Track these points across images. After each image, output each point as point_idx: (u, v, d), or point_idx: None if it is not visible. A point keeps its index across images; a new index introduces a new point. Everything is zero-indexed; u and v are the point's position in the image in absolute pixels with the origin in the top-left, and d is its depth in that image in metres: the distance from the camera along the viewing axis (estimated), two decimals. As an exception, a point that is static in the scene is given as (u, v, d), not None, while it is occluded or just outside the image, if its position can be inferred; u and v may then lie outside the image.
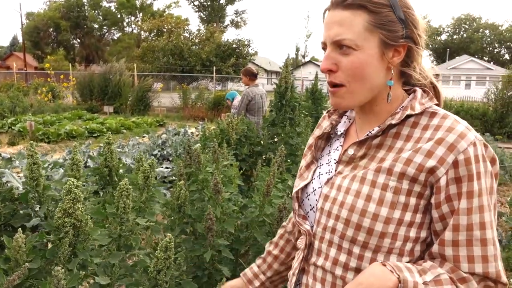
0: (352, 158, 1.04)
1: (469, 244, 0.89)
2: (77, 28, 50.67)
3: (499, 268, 0.91)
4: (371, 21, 0.95)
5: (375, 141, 1.00)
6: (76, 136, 10.94)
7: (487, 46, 71.90)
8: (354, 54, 0.95)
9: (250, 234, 2.34)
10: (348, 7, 0.95)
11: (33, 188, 1.92)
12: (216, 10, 54.65)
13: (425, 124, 0.96)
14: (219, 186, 2.18)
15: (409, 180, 0.92)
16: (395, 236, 0.93)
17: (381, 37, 0.95)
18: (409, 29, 0.97)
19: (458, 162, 0.89)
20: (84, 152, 6.47)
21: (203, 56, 20.80)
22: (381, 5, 0.95)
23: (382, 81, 0.99)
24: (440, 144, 0.90)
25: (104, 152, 2.44)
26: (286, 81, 3.85)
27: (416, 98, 1.00)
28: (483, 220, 0.89)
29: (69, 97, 19.09)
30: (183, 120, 16.28)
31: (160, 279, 1.64)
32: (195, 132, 9.14)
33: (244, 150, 3.90)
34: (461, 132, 0.91)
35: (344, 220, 0.97)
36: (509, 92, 13.37)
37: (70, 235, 1.59)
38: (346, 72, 0.97)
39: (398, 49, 0.98)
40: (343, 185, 1.01)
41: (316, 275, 1.06)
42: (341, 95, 1.00)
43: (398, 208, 0.93)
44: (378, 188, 0.94)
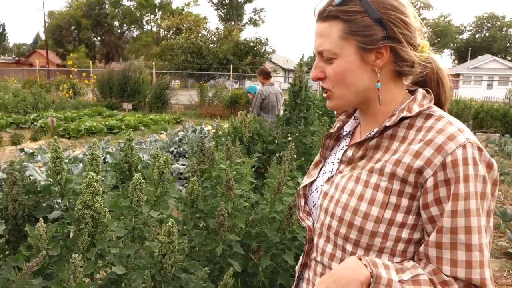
0: (351, 158, 1.06)
1: (453, 248, 0.89)
2: (98, 26, 51.55)
3: (486, 276, 0.88)
4: (345, 29, 0.98)
5: (372, 142, 1.03)
6: (96, 132, 11.20)
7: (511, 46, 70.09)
8: (335, 62, 1.01)
9: (260, 230, 2.41)
10: (326, 19, 1.01)
11: (56, 181, 2.02)
12: (235, 8, 54.80)
13: (419, 125, 0.97)
14: (231, 182, 2.24)
15: (400, 180, 0.93)
16: (386, 236, 0.95)
17: (356, 44, 0.98)
18: (389, 29, 0.97)
19: (446, 164, 0.89)
20: (103, 148, 6.63)
21: (220, 54, 20.91)
22: (354, 12, 0.97)
23: (369, 84, 1.02)
24: (429, 145, 0.91)
25: (125, 148, 2.54)
26: (300, 80, 3.89)
27: (416, 99, 1.01)
28: (469, 224, 0.88)
29: (89, 94, 19.50)
30: (200, 117, 16.45)
31: (165, 262, 1.73)
32: (211, 129, 9.24)
33: (257, 147, 3.96)
34: (451, 134, 0.90)
35: (338, 218, 1.00)
36: (531, 93, 13.08)
37: (89, 226, 1.69)
38: (331, 79, 1.03)
39: (380, 51, 0.99)
40: (340, 183, 1.04)
41: (316, 270, 1.10)
42: (331, 98, 1.07)
43: (389, 209, 0.94)
44: (370, 188, 0.96)
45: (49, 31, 45.61)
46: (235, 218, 2.29)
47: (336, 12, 0.99)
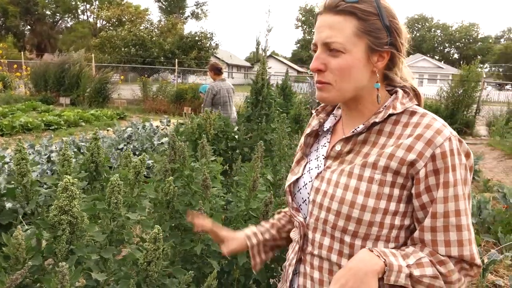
0: (339, 153, 1.11)
1: (445, 230, 0.99)
2: (27, 14, 47.95)
3: (473, 251, 1.00)
4: (360, 27, 1.02)
5: (360, 137, 1.09)
6: (32, 129, 10.45)
7: (438, 46, 75.43)
8: (342, 56, 1.03)
9: (235, 227, 2.41)
10: (339, 12, 1.03)
11: (20, 183, 1.88)
12: (176, 0, 53.63)
13: (405, 121, 1.05)
14: (207, 181, 2.22)
15: (393, 173, 1.01)
16: (381, 224, 1.02)
17: (368, 43, 1.03)
18: (393, 37, 1.05)
19: (436, 156, 0.98)
20: (47, 146, 6.23)
21: (166, 47, 20.35)
22: (370, 13, 1.02)
23: (367, 83, 1.08)
24: (419, 140, 0.99)
25: (91, 147, 2.42)
26: (263, 77, 3.92)
27: (398, 98, 1.08)
28: (458, 208, 0.98)
29: (21, 87, 18.14)
30: (144, 113, 15.95)
31: (151, 270, 1.68)
32: (160, 126, 9.01)
33: (221, 145, 3.94)
34: (438, 129, 1.00)
35: (335, 212, 1.04)
36: (459, 90, 14.16)
37: (67, 232, 1.59)
38: (334, 73, 1.05)
39: (382, 55, 1.06)
40: (332, 178, 1.08)
41: (313, 264, 1.13)
42: (327, 91, 1.08)
43: (384, 199, 1.01)
44: (364, 181, 1.02)
45: (-29, 18, 41.72)
46: (211, 217, 2.27)
47: (352, 8, 1.02)
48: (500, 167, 8.88)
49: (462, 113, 14.09)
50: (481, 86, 14.67)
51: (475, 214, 4.83)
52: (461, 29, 72.31)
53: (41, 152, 5.91)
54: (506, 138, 11.34)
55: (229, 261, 2.42)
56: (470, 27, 72.14)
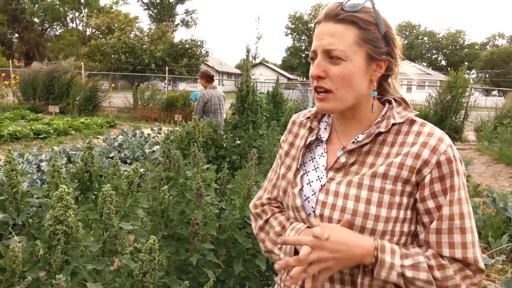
0: (344, 165, 1.11)
1: (450, 232, 1.01)
2: (15, 22, 47.55)
3: (477, 254, 1.02)
4: (361, 36, 1.04)
5: (365, 148, 1.09)
6: (21, 138, 10.30)
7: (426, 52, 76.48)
8: (342, 64, 1.04)
9: (229, 236, 2.40)
10: (340, 21, 1.04)
11: (11, 195, 1.85)
12: (166, 8, 53.68)
13: (406, 130, 1.08)
14: (201, 190, 2.21)
15: (403, 182, 1.03)
16: (393, 232, 1.04)
17: (367, 51, 1.05)
18: (390, 47, 1.08)
19: (441, 162, 1.02)
20: (36, 155, 6.15)
21: (157, 54, 20.30)
22: (369, 23, 1.05)
23: (365, 91, 1.09)
24: (425, 147, 1.03)
25: (85, 156, 2.39)
26: (247, 84, 3.91)
27: (393, 107, 1.11)
28: (462, 211, 1.02)
29: (9, 95, 17.93)
30: (135, 121, 15.87)
31: (147, 281, 1.66)
32: (152, 133, 8.96)
33: (211, 153, 3.93)
34: (440, 137, 1.04)
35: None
36: (447, 96, 14.33)
37: (62, 243, 1.57)
38: (335, 80, 1.06)
39: (380, 64, 1.08)
40: (340, 191, 1.07)
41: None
42: (328, 100, 1.08)
43: (395, 208, 1.03)
44: (376, 192, 1.04)
45: (-42, 26, 41.25)
46: (205, 225, 2.26)
47: (353, 17, 1.04)
48: (489, 172, 8.99)
49: (451, 118, 14.24)
50: (469, 92, 14.87)
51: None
52: (448, 36, 73.52)
53: (31, 162, 5.84)
54: (494, 143, 11.48)
55: (225, 270, 2.41)
56: (457, 34, 73.40)
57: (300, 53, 71.09)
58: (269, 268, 2.49)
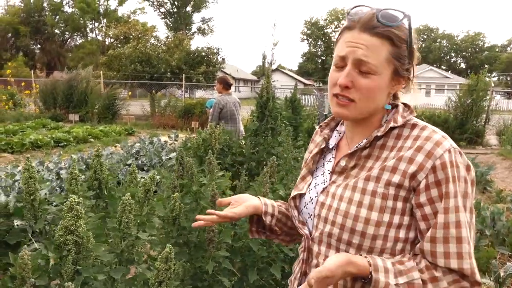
0: (344, 168, 1.13)
1: (445, 241, 0.98)
2: (38, 34, 48.86)
3: (474, 266, 0.99)
4: (393, 52, 1.05)
5: (364, 152, 1.11)
6: (42, 146, 10.53)
7: (444, 56, 75.34)
8: (372, 78, 1.05)
9: (244, 244, 2.37)
10: (376, 35, 1.04)
11: (29, 203, 1.87)
12: (183, 17, 54.39)
13: (407, 135, 1.07)
14: (216, 197, 2.20)
15: (395, 186, 1.02)
16: (386, 237, 1.03)
17: (395, 68, 1.07)
18: (411, 63, 1.09)
19: (436, 167, 0.99)
20: (56, 163, 6.26)
21: (173, 63, 20.55)
22: (402, 40, 1.06)
23: (382, 103, 1.11)
24: (420, 152, 1.01)
25: (94, 164, 2.41)
26: (267, 91, 3.90)
27: (398, 112, 1.11)
28: (459, 219, 0.98)
29: (31, 105, 18.37)
30: (152, 128, 16.04)
31: (162, 291, 1.64)
32: (169, 141, 9.02)
33: (227, 159, 3.92)
34: (437, 141, 1.01)
35: (340, 225, 1.06)
36: (468, 100, 14.05)
37: (73, 253, 1.57)
38: (361, 92, 1.06)
39: (400, 80, 1.10)
40: (337, 193, 1.10)
41: None
42: (348, 108, 1.09)
43: (387, 212, 1.02)
44: (368, 195, 1.04)
45: (-17, 38, 42.58)
46: (220, 233, 2.24)
47: (390, 33, 1.04)
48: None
49: (472, 122, 13.96)
50: (490, 95, 14.55)
51: (488, 226, 4.73)
52: (467, 39, 72.24)
53: (51, 169, 5.94)
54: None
55: (240, 278, 2.38)
56: (476, 36, 72.03)
57: (316, 58, 70.93)
58: (285, 277, 2.45)
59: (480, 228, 4.66)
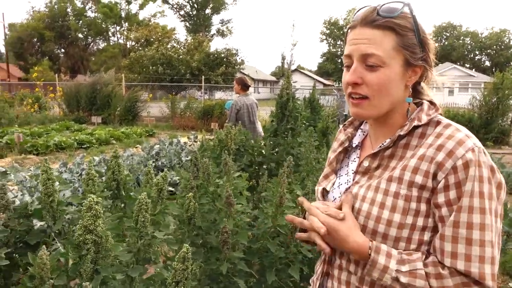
0: (367, 169, 1.11)
1: (454, 241, 0.94)
2: (62, 38, 50.07)
3: (486, 271, 0.92)
4: (399, 42, 1.03)
5: (387, 152, 1.08)
6: (66, 148, 10.77)
7: (468, 53, 73.57)
8: (380, 70, 1.03)
9: (262, 245, 2.35)
10: (378, 27, 1.03)
11: (47, 204, 1.90)
12: (202, 19, 54.83)
13: (430, 133, 1.04)
14: (231, 198, 2.18)
15: (418, 187, 0.99)
16: (409, 240, 1.00)
17: (405, 57, 1.04)
18: (425, 53, 1.06)
19: (457, 168, 0.95)
20: (79, 164, 6.38)
21: (193, 64, 20.75)
22: (407, 28, 1.03)
23: (400, 97, 1.08)
24: (441, 151, 0.97)
25: (112, 165, 2.43)
26: (287, 92, 3.88)
27: (423, 110, 1.08)
28: (472, 220, 0.93)
29: (55, 108, 18.82)
30: (172, 129, 16.19)
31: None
32: (188, 142, 9.08)
33: (244, 160, 3.91)
34: (460, 139, 0.97)
35: (362, 226, 1.04)
36: (493, 99, 13.67)
37: (92, 252, 1.58)
38: (372, 87, 1.04)
39: (415, 70, 1.07)
40: (360, 193, 1.08)
41: (340, 278, 1.12)
42: (363, 106, 1.07)
43: (410, 214, 0.99)
44: (390, 196, 1.01)
45: (10, 44, 43.92)
46: (236, 234, 2.23)
47: (391, 23, 1.03)
48: (541, 178, 8.41)
49: (497, 122, 13.57)
50: (517, 94, 14.11)
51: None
52: (491, 36, 70.31)
53: (73, 171, 6.05)
54: (546, 146, 10.80)
55: (258, 280, 2.36)
56: (501, 33, 70.04)
57: (336, 58, 70.37)
58: (304, 279, 2.41)
59: (507, 230, 4.51)
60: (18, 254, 1.81)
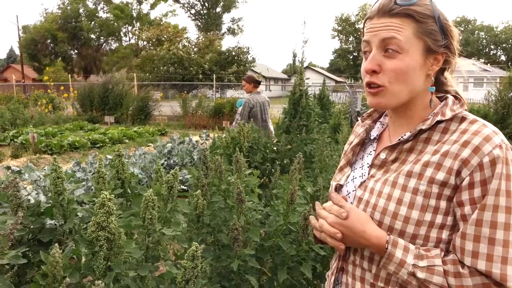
0: (384, 162, 1.08)
1: (476, 240, 0.91)
2: (74, 39, 50.66)
3: (508, 272, 0.89)
4: (418, 29, 1.00)
5: (406, 145, 1.05)
6: (79, 147, 10.91)
7: (483, 48, 72.35)
8: (398, 57, 1.00)
9: (274, 242, 2.33)
10: (396, 15, 1.01)
11: (57, 202, 1.90)
12: (213, 18, 54.95)
13: (454, 129, 1.00)
14: (242, 195, 2.17)
15: (439, 184, 0.95)
16: (427, 237, 0.97)
17: (426, 44, 1.01)
18: (448, 40, 1.03)
19: (483, 165, 0.91)
20: (92, 163, 6.44)
21: (204, 64, 20.83)
22: (426, 16, 1.01)
23: (421, 86, 1.04)
24: (466, 147, 0.93)
25: (116, 164, 2.43)
26: (300, 88, 3.85)
27: (447, 104, 1.05)
28: (496, 219, 0.90)
29: (69, 108, 19.07)
30: (184, 128, 16.27)
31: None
32: (200, 140, 9.11)
33: (257, 157, 3.89)
34: (487, 135, 0.93)
35: (377, 222, 1.02)
36: (509, 94, 13.40)
37: (105, 249, 1.58)
38: (389, 74, 1.01)
39: (437, 57, 1.03)
40: (376, 188, 1.05)
41: (355, 274, 1.10)
42: (382, 95, 1.04)
43: (429, 211, 0.96)
44: (409, 192, 0.98)
45: (24, 45, 44.62)
46: (247, 231, 2.21)
47: (409, 11, 1.00)
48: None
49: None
50: (534, 88, 13.80)
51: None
52: (507, 30, 69.03)
53: (86, 170, 6.12)
54: None
55: (270, 277, 2.35)
56: (517, 27, 68.74)
57: (348, 55, 69.88)
58: (316, 276, 2.39)
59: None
60: (32, 252, 1.82)
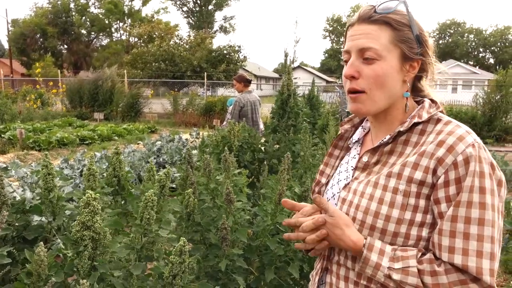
0: (366, 164, 1.13)
1: (452, 235, 0.94)
2: (65, 34, 50.11)
3: (483, 266, 0.91)
4: (395, 36, 1.06)
5: (386, 148, 1.09)
6: (68, 144, 10.79)
7: (472, 51, 73.23)
8: (376, 63, 1.06)
9: (261, 242, 2.34)
10: (374, 22, 1.07)
11: (47, 199, 1.89)
12: (205, 16, 54.75)
13: (431, 130, 1.04)
14: (231, 196, 2.17)
15: (417, 183, 0.99)
16: (407, 235, 1.00)
17: (402, 51, 1.06)
18: (423, 48, 1.08)
19: (457, 163, 0.95)
20: (80, 160, 6.38)
21: (195, 62, 20.74)
22: (403, 24, 1.06)
23: (398, 92, 1.10)
24: (441, 146, 0.98)
25: (113, 161, 2.42)
26: (288, 88, 3.86)
27: (424, 107, 1.09)
28: (470, 215, 0.93)
29: (58, 104, 18.85)
30: (174, 126, 16.20)
31: (176, 284, 1.63)
32: (190, 138, 9.08)
33: (247, 157, 3.89)
34: (460, 135, 0.98)
35: (360, 222, 1.05)
36: (496, 96, 13.60)
37: (89, 248, 1.57)
38: (368, 80, 1.07)
39: (413, 65, 1.09)
40: (359, 189, 1.09)
41: (339, 274, 1.13)
42: (361, 101, 1.09)
43: (409, 210, 1.00)
44: (389, 192, 1.02)
45: (13, 39, 43.99)
46: (235, 232, 2.22)
47: (387, 18, 1.06)
48: (544, 176, 8.37)
49: (501, 119, 13.51)
50: (520, 91, 14.01)
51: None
52: (495, 33, 69.92)
53: (74, 167, 6.06)
54: (549, 145, 10.74)
55: (257, 277, 2.35)
56: (506, 30, 69.63)
57: (339, 55, 70.18)
58: (303, 277, 2.40)
59: (509, 228, 4.49)
60: (16, 250, 1.81)
